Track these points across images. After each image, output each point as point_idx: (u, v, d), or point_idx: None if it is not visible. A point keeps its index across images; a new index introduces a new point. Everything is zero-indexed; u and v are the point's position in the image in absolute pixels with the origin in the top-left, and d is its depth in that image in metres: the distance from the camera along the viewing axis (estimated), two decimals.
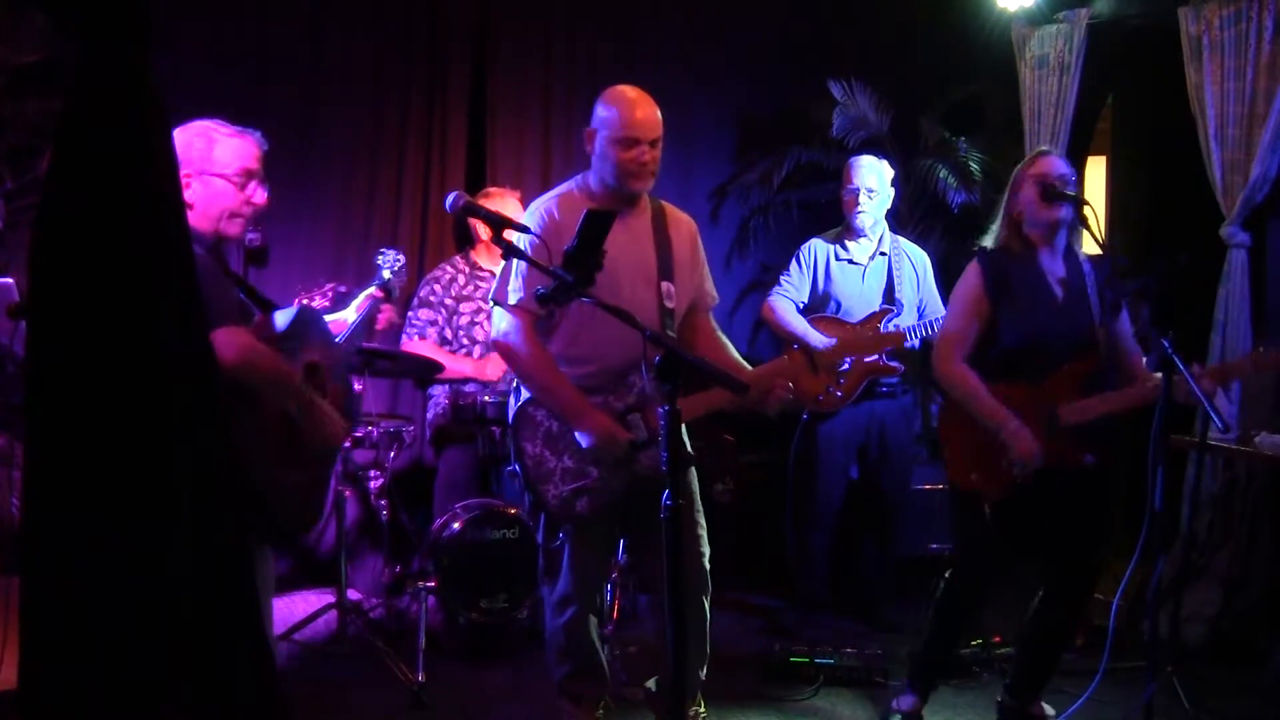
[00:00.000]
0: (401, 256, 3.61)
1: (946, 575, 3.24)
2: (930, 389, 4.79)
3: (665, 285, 2.92)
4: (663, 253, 2.94)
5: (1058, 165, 3.02)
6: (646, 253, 2.91)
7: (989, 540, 3.10)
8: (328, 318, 2.95)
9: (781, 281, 4.25)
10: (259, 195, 2.41)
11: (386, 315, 3.00)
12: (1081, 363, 3.02)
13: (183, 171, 2.27)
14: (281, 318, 2.45)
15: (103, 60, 1.36)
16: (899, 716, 3.31)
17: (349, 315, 3.07)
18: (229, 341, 2.12)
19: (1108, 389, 3.03)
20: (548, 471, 2.88)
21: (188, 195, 2.31)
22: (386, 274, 3.43)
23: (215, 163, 2.34)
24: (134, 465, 1.38)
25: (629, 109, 2.83)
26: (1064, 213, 2.99)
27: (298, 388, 2.35)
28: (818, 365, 2.96)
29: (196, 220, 2.34)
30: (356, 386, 3.72)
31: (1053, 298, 3.05)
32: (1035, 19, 4.74)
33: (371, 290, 3.42)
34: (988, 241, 3.14)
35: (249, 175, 2.39)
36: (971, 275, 3.09)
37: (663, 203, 3.05)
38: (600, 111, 2.86)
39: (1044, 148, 3.17)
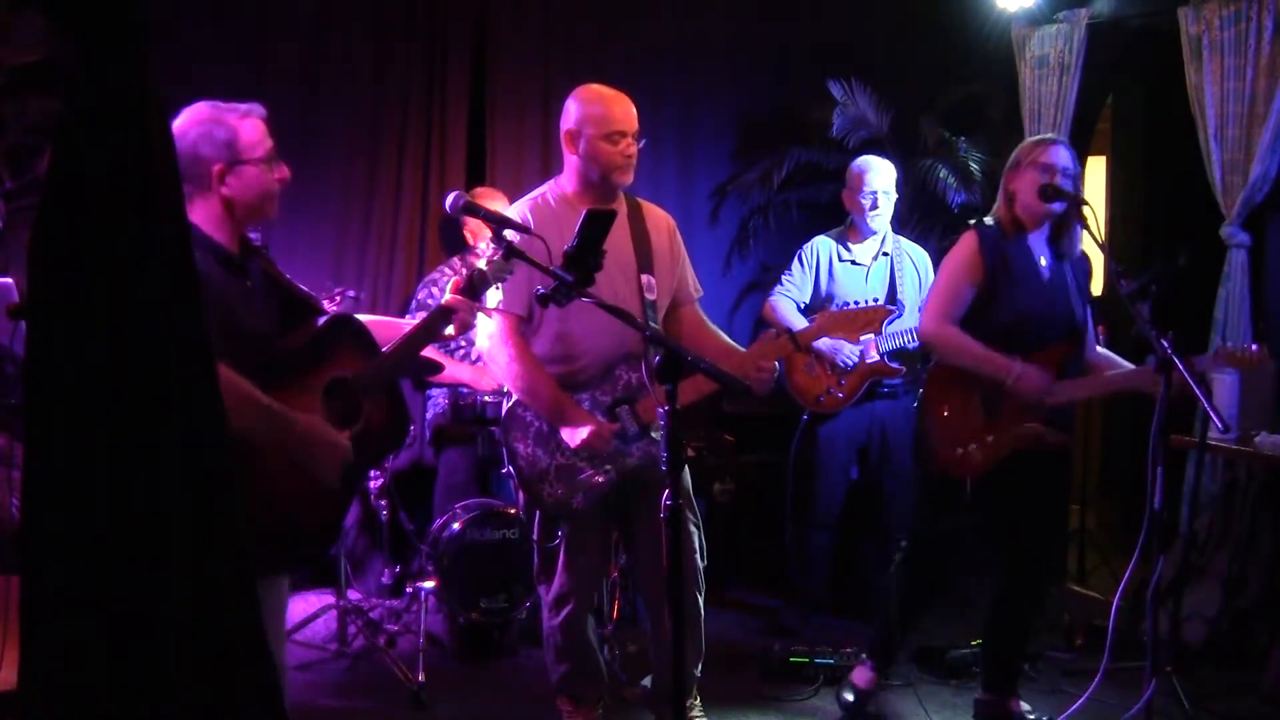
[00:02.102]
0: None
1: (899, 554, 3.30)
2: None
3: (645, 278, 2.94)
4: (640, 246, 2.96)
5: (1062, 157, 3.06)
6: (624, 247, 2.92)
7: (969, 516, 3.13)
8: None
9: (783, 281, 4.25)
10: (284, 170, 2.29)
11: (461, 317, 2.50)
12: (1064, 346, 3.07)
13: (215, 167, 2.17)
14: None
15: (102, 60, 1.36)
16: (851, 691, 3.36)
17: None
18: None
19: (1071, 375, 3.08)
20: (542, 470, 2.89)
21: (225, 190, 2.19)
22: (482, 264, 2.56)
23: (245, 149, 2.21)
24: (134, 465, 1.38)
25: (611, 105, 2.87)
26: (1057, 207, 3.06)
27: (267, 415, 2.13)
28: (800, 343, 2.98)
29: (228, 219, 2.22)
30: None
31: (1039, 278, 3.10)
32: (1035, 19, 4.74)
33: (446, 299, 2.54)
34: (987, 219, 3.18)
35: (272, 152, 2.27)
36: (968, 243, 3.12)
37: (637, 198, 3.08)
38: (581, 111, 2.88)
39: (1051, 135, 3.20)
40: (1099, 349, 3.26)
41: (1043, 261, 3.12)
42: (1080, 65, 4.59)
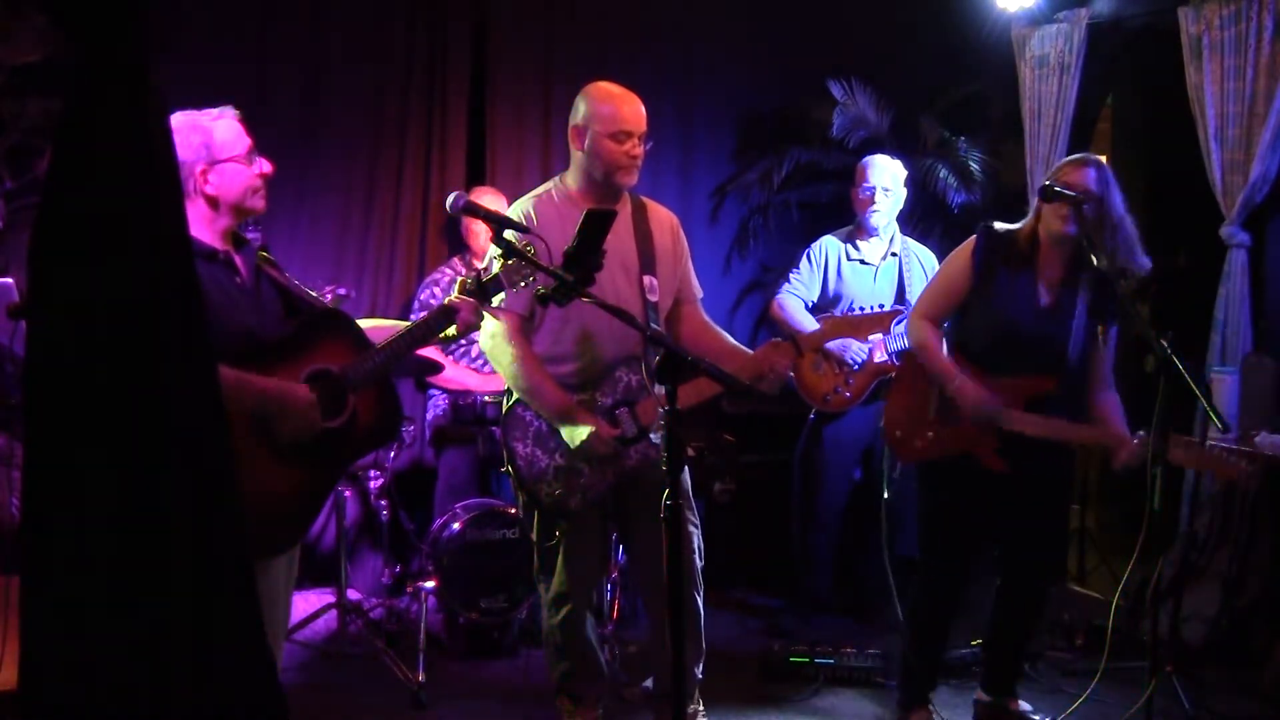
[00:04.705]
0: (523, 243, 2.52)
1: (917, 574, 3.27)
2: None
3: (647, 279, 2.93)
4: (643, 247, 2.95)
5: (1086, 178, 2.92)
6: (627, 247, 2.92)
7: (938, 514, 3.16)
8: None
9: (791, 279, 4.24)
10: (265, 165, 2.37)
11: (464, 317, 2.50)
12: (1041, 380, 3.00)
13: (197, 169, 2.26)
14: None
15: (103, 60, 1.36)
16: None
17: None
18: None
19: (1056, 411, 2.99)
20: (540, 470, 2.88)
21: (208, 189, 2.28)
22: (496, 267, 2.56)
23: (221, 148, 2.30)
24: (134, 465, 1.38)
25: (620, 104, 2.85)
26: (1070, 229, 2.92)
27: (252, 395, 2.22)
28: (803, 349, 2.97)
29: (216, 218, 2.31)
30: None
31: (1035, 299, 3.03)
32: (1035, 19, 4.74)
33: (451, 298, 2.55)
34: (1004, 224, 3.11)
35: (251, 149, 2.35)
36: (965, 247, 3.12)
37: (643, 198, 3.07)
38: (588, 107, 2.87)
39: (1085, 155, 3.03)
40: (1110, 395, 3.10)
41: (1046, 287, 3.03)
42: (1080, 65, 4.59)
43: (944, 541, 3.19)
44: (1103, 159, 3.06)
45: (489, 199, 4.22)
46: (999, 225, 3.10)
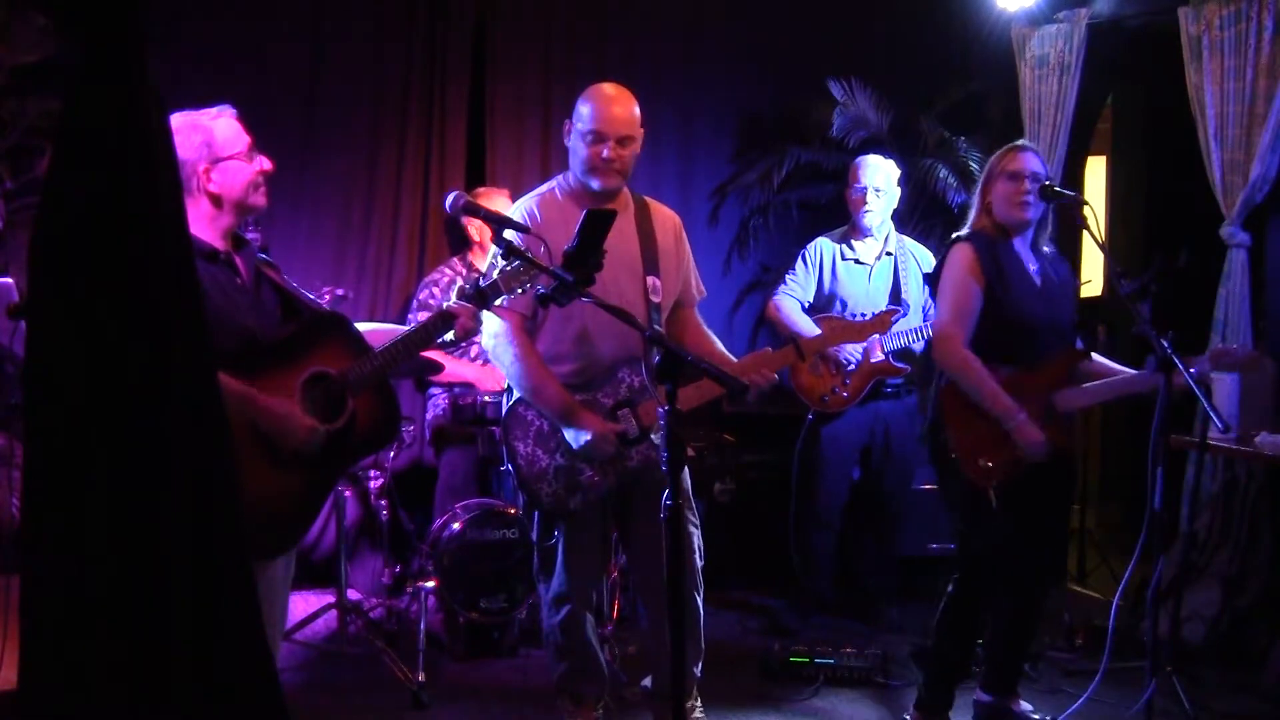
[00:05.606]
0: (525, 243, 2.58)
1: (951, 586, 3.17)
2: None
3: (651, 280, 2.93)
4: (647, 247, 2.95)
5: (1031, 162, 3.03)
6: (631, 248, 2.92)
7: (998, 526, 3.04)
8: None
9: (787, 280, 4.24)
10: (265, 162, 2.39)
11: (463, 323, 2.52)
12: (1070, 354, 3.05)
13: (200, 168, 2.28)
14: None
15: (102, 60, 1.36)
16: None
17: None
18: None
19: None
20: (541, 470, 2.88)
21: (211, 187, 2.30)
22: (495, 275, 2.59)
23: (223, 146, 2.31)
24: (134, 465, 1.38)
25: (603, 104, 2.85)
26: (1032, 213, 3.04)
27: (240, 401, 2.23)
28: (804, 354, 2.97)
29: (218, 216, 2.33)
30: None
31: (1033, 284, 3.07)
32: (1035, 19, 4.74)
33: (449, 304, 2.59)
34: (964, 229, 3.14)
35: (251, 146, 2.37)
36: (964, 253, 3.06)
37: (646, 198, 3.06)
38: (579, 105, 2.89)
39: (1020, 142, 3.17)
40: (1092, 356, 3.19)
41: (1031, 268, 3.09)
42: (1080, 65, 4.59)
43: (1022, 553, 3.09)
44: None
45: (500, 201, 4.22)
46: (971, 231, 3.12)
